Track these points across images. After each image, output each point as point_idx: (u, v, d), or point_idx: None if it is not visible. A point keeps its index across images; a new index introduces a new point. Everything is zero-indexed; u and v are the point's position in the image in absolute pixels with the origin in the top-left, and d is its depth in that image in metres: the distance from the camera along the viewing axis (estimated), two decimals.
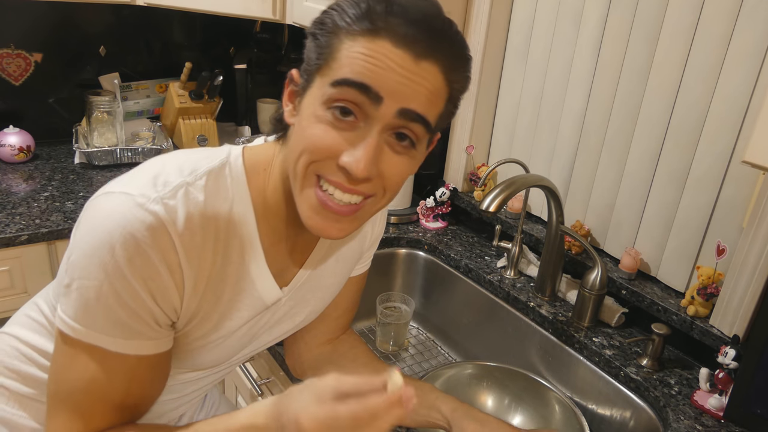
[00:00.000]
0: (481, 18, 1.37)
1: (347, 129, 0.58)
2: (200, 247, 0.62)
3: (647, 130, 1.13)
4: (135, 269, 0.58)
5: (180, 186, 0.62)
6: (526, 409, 1.11)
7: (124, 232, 0.57)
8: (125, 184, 0.62)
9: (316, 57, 0.60)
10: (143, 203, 0.59)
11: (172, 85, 1.84)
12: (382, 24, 0.56)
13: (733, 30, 0.97)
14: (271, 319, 0.76)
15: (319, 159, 0.59)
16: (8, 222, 1.34)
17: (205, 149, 0.69)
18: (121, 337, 0.60)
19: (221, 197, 0.64)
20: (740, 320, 0.97)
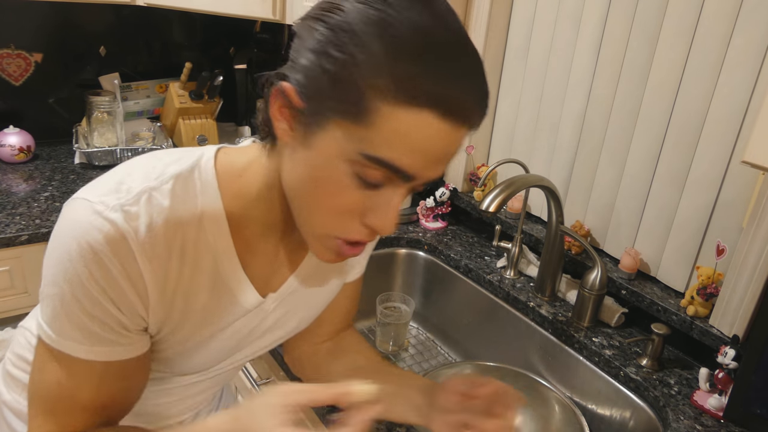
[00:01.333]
0: (481, 18, 1.37)
1: (371, 189, 0.55)
2: (165, 256, 0.60)
3: (647, 130, 1.13)
4: (93, 279, 0.57)
5: (143, 192, 0.59)
6: (526, 409, 1.11)
7: (81, 241, 0.56)
8: (89, 189, 0.60)
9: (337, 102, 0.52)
10: (101, 211, 0.57)
11: (172, 85, 1.84)
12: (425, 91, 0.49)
13: (733, 30, 0.97)
14: (260, 325, 0.75)
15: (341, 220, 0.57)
16: (8, 222, 1.34)
17: (179, 151, 0.66)
18: (88, 344, 0.60)
19: (189, 203, 0.62)
20: (740, 320, 0.97)
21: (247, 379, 1.15)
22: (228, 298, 0.68)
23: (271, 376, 1.12)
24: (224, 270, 0.66)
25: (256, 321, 0.73)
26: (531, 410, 1.10)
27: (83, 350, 0.60)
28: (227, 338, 0.72)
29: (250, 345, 0.77)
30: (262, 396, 0.57)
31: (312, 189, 0.57)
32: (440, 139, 0.51)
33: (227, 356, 0.76)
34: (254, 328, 0.75)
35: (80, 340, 0.60)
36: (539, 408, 1.09)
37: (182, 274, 0.62)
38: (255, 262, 0.69)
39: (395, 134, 0.50)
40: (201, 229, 0.62)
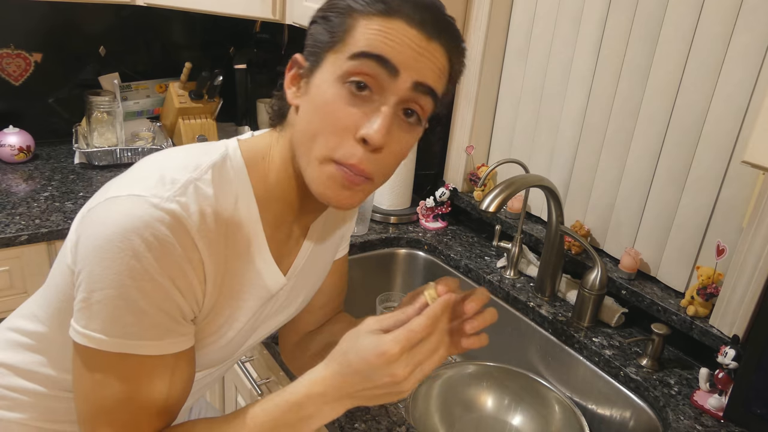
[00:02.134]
0: (481, 18, 1.37)
1: (363, 103, 0.60)
2: (215, 242, 0.63)
3: (647, 130, 1.13)
4: (163, 269, 0.58)
5: (189, 182, 0.62)
6: (526, 409, 1.11)
7: (146, 234, 0.57)
8: (131, 186, 0.60)
9: (330, 36, 0.61)
10: (158, 203, 0.58)
11: (172, 85, 1.84)
12: (397, 6, 0.60)
13: (733, 30, 0.97)
14: (272, 309, 0.77)
15: (339, 137, 0.61)
16: (8, 222, 1.34)
17: (200, 145, 0.69)
18: (155, 339, 0.60)
19: (227, 190, 0.65)
20: (740, 320, 0.97)
21: (247, 379, 1.15)
22: (257, 280, 0.70)
23: (270, 376, 1.12)
24: (254, 252, 0.68)
25: (270, 303, 0.75)
26: (531, 410, 1.10)
27: (153, 346, 0.60)
28: (250, 326, 0.74)
29: (260, 329, 0.79)
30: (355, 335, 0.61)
31: (314, 122, 0.62)
32: (413, 42, 0.60)
33: (242, 344, 0.77)
34: (269, 311, 0.77)
35: (145, 336, 0.59)
36: (539, 408, 1.09)
37: (227, 259, 0.65)
38: (275, 245, 0.71)
39: (373, 33, 0.59)
40: (237, 213, 0.65)
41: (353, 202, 0.65)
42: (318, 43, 0.63)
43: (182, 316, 0.62)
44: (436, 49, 0.61)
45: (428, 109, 0.64)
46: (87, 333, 0.58)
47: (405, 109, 0.62)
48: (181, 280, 0.60)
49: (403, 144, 0.64)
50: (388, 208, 1.54)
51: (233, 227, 0.65)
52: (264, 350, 1.11)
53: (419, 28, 0.60)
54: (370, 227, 1.48)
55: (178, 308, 0.61)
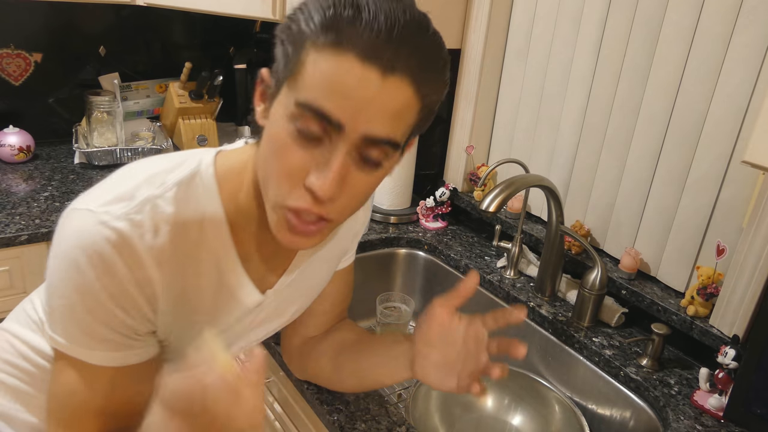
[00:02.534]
0: (481, 18, 1.37)
1: (313, 146, 0.55)
2: (171, 261, 0.62)
3: (647, 130, 1.13)
4: (103, 287, 0.58)
5: (147, 200, 0.61)
6: (526, 409, 1.11)
7: (89, 251, 0.58)
8: (90, 199, 0.61)
9: (284, 64, 0.57)
10: (106, 221, 0.58)
11: (172, 85, 1.84)
12: (348, 35, 0.52)
13: (733, 30, 0.97)
14: (255, 320, 0.76)
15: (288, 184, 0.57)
16: (8, 222, 1.34)
17: (177, 156, 0.66)
18: (101, 350, 0.61)
19: (191, 208, 0.63)
20: (740, 320, 0.97)
21: None
22: (230, 299, 0.69)
23: (271, 376, 1.12)
24: (226, 272, 0.67)
25: (253, 315, 0.75)
26: (531, 410, 1.10)
27: (96, 356, 0.62)
28: (227, 336, 0.74)
29: (249, 335, 0.79)
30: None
31: (268, 159, 0.58)
32: (367, 85, 0.52)
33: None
34: (251, 322, 0.76)
35: (93, 346, 0.61)
36: (539, 408, 1.09)
37: (187, 279, 0.64)
38: (253, 261, 0.70)
39: (321, 77, 0.53)
40: (203, 233, 0.64)
41: (310, 244, 0.62)
42: (278, 67, 0.58)
43: (133, 332, 0.63)
44: (394, 84, 0.53)
45: (388, 153, 0.57)
46: (50, 333, 0.62)
47: (360, 154, 0.56)
48: (123, 299, 0.60)
49: (363, 185, 0.58)
50: (388, 208, 1.54)
51: (197, 246, 0.64)
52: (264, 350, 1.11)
53: (374, 61, 0.51)
54: (370, 227, 1.48)
55: (123, 325, 0.61)
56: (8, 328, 0.82)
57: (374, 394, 0.92)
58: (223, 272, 0.67)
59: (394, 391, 1.20)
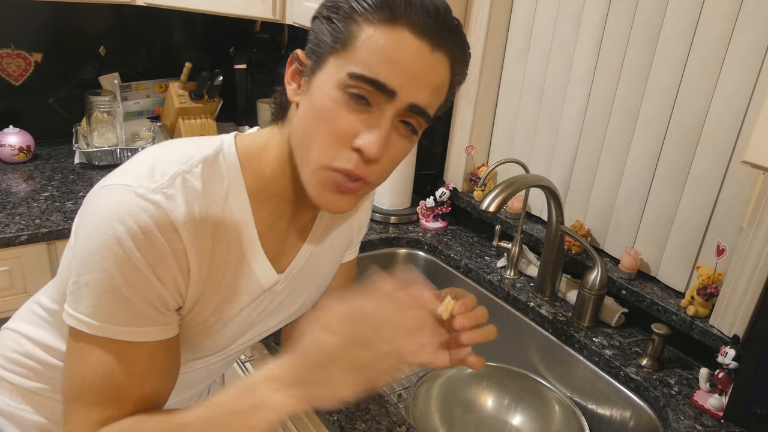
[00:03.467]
0: (481, 18, 1.37)
1: (361, 112, 0.60)
2: (201, 234, 0.63)
3: (647, 130, 1.13)
4: (144, 258, 0.59)
5: (177, 174, 0.63)
6: (526, 409, 1.11)
7: (129, 223, 0.59)
8: (122, 176, 0.63)
9: (332, 40, 0.61)
10: (143, 194, 0.60)
11: (172, 85, 1.84)
12: (402, 12, 0.58)
13: (733, 30, 0.97)
14: (268, 306, 0.77)
15: (336, 145, 0.61)
16: (8, 222, 1.34)
17: (198, 138, 0.70)
18: (136, 326, 0.62)
19: (217, 184, 0.66)
20: (740, 320, 0.97)
21: None
22: (248, 275, 0.71)
23: None
24: (246, 247, 0.69)
25: (267, 300, 0.76)
26: (531, 410, 1.10)
27: (133, 332, 0.62)
28: (243, 319, 0.74)
29: (259, 325, 0.79)
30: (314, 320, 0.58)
31: (312, 125, 0.62)
32: (417, 56, 0.59)
33: (238, 337, 0.78)
34: (265, 308, 0.77)
35: (129, 322, 0.61)
36: (539, 408, 1.09)
37: (214, 252, 0.66)
38: (270, 241, 0.72)
39: (376, 48, 0.59)
40: (227, 208, 0.66)
41: (347, 207, 0.66)
42: (320, 43, 0.62)
43: (164, 306, 0.63)
44: (439, 60, 0.61)
45: (423, 125, 0.65)
46: (76, 315, 0.61)
47: (402, 120, 0.63)
48: (162, 270, 0.61)
49: (400, 150, 0.64)
50: (388, 208, 1.54)
51: (222, 222, 0.66)
52: (264, 350, 1.11)
53: (424, 37, 0.59)
54: (371, 227, 1.48)
55: (159, 297, 0.62)
56: (14, 327, 0.83)
57: (374, 393, 0.92)
58: (243, 248, 0.68)
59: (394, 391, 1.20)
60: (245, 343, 0.81)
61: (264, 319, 0.79)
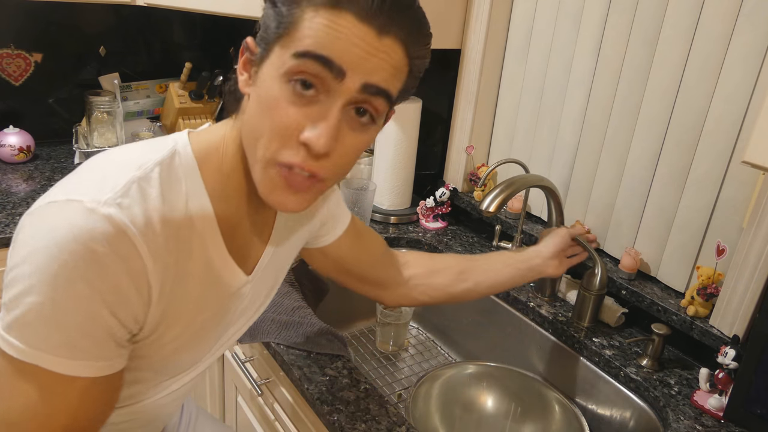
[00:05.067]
0: (481, 18, 1.37)
1: (308, 104, 0.57)
2: (162, 245, 0.58)
3: (647, 130, 1.13)
4: (90, 284, 0.53)
5: (131, 182, 0.57)
6: (526, 409, 1.11)
7: (76, 244, 0.52)
8: (69, 190, 0.56)
9: (276, 26, 0.57)
10: (94, 208, 0.53)
11: (172, 85, 1.84)
12: None
13: (733, 30, 0.97)
14: (239, 307, 0.74)
15: (281, 139, 0.57)
16: (8, 222, 1.34)
17: (149, 141, 0.65)
18: (71, 358, 0.54)
19: (175, 189, 0.60)
20: (740, 320, 0.97)
21: (247, 379, 1.15)
22: (216, 281, 0.67)
23: (270, 376, 1.12)
24: (211, 252, 0.65)
25: (237, 302, 0.73)
26: (531, 410, 1.10)
27: (66, 365, 0.54)
28: (215, 324, 0.71)
29: (233, 326, 0.77)
30: None
31: (259, 119, 0.58)
32: (361, 40, 0.55)
33: (212, 345, 0.75)
34: (236, 310, 0.74)
35: (62, 353, 0.54)
36: (539, 408, 1.09)
37: (177, 263, 0.61)
38: (235, 242, 0.68)
39: (322, 29, 0.55)
40: (188, 213, 0.61)
41: (299, 206, 0.61)
42: (267, 29, 0.59)
43: (112, 339, 0.57)
44: (389, 45, 0.56)
45: (382, 110, 0.60)
46: (5, 337, 0.54)
47: (356, 107, 0.58)
48: (113, 296, 0.55)
49: (356, 144, 0.60)
50: (388, 208, 1.54)
51: (184, 227, 0.61)
52: (264, 350, 1.11)
53: (369, 22, 0.55)
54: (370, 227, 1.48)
55: (105, 329, 0.56)
56: None
57: (374, 394, 0.92)
58: (208, 253, 0.64)
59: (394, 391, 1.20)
60: (223, 345, 0.79)
61: (241, 316, 0.76)
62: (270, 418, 1.15)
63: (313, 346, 1.00)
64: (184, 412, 1.03)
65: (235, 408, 1.31)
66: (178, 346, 0.67)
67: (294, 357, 0.99)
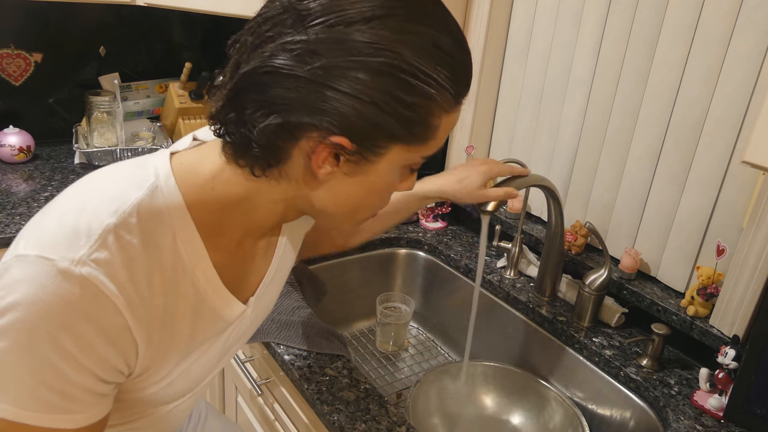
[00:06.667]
0: (481, 18, 1.37)
1: None
2: (148, 296, 0.55)
3: (647, 130, 1.13)
4: (63, 351, 0.50)
5: (107, 232, 0.52)
6: (526, 409, 1.11)
7: (47, 311, 0.49)
8: (40, 244, 0.52)
9: (403, 130, 0.55)
10: (66, 269, 0.50)
11: (172, 85, 1.84)
12: (464, 92, 0.58)
13: (733, 30, 0.97)
14: (240, 330, 0.73)
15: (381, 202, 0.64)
16: (8, 222, 1.34)
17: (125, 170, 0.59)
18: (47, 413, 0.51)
19: (160, 232, 0.56)
20: (740, 320, 0.97)
21: (247, 379, 1.15)
22: (211, 316, 0.64)
23: (270, 376, 1.12)
24: (204, 290, 0.62)
25: (237, 329, 0.72)
26: (531, 410, 1.10)
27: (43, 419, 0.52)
28: (211, 356, 0.70)
29: (229, 351, 0.76)
30: None
31: (363, 197, 0.61)
32: None
33: (209, 372, 0.74)
34: (235, 335, 0.73)
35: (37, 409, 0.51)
36: (539, 408, 1.09)
37: (166, 308, 0.58)
38: (231, 270, 0.65)
39: (444, 132, 0.59)
40: (176, 252, 0.57)
41: None
42: (380, 130, 0.54)
43: (89, 394, 0.54)
44: None
45: None
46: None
47: None
48: (90, 359, 0.52)
49: None
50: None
51: (172, 268, 0.57)
52: (264, 350, 1.11)
53: (461, 101, 0.60)
54: None
55: (81, 388, 0.53)
56: None
57: (374, 394, 0.92)
58: (201, 291, 0.61)
59: (394, 391, 1.20)
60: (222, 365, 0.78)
61: (237, 342, 0.75)
62: (270, 418, 1.16)
63: (313, 346, 1.00)
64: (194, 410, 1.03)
65: (235, 408, 1.31)
66: (171, 381, 0.65)
67: (294, 357, 0.99)
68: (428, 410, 1.07)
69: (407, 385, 1.22)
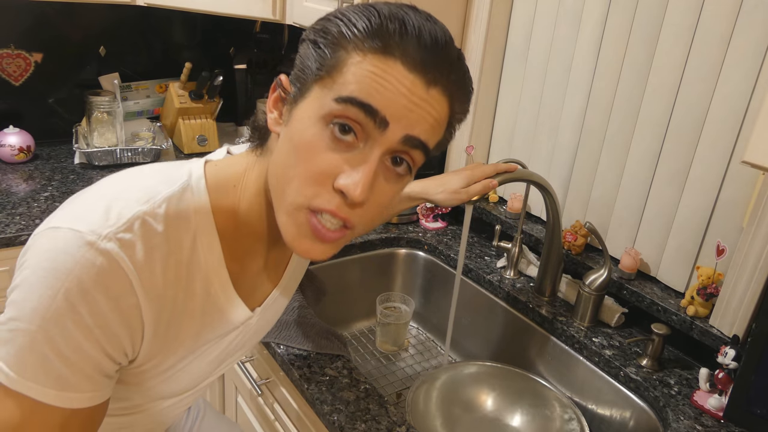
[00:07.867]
0: (481, 18, 1.37)
1: (345, 149, 0.55)
2: (161, 284, 0.57)
3: (647, 130, 1.13)
4: (79, 318, 0.52)
5: (136, 217, 0.55)
6: (526, 409, 1.11)
7: (70, 277, 0.52)
8: (73, 217, 0.55)
9: (317, 67, 0.55)
10: (93, 242, 0.53)
11: (172, 85, 1.84)
12: (396, 45, 0.53)
13: (733, 30, 0.97)
14: (244, 338, 0.74)
15: (315, 185, 0.55)
16: (8, 222, 1.34)
17: (164, 169, 0.63)
18: (54, 389, 0.54)
19: (183, 227, 0.59)
20: (740, 320, 0.97)
21: (247, 379, 1.15)
22: (218, 317, 0.66)
23: (270, 376, 1.12)
24: (215, 290, 0.63)
25: (241, 335, 0.73)
26: (531, 410, 1.10)
27: (49, 395, 0.54)
28: (213, 358, 0.71)
29: (231, 357, 0.77)
30: None
31: (289, 162, 0.56)
32: (409, 91, 0.54)
33: (209, 374, 0.75)
34: (238, 342, 0.74)
35: (46, 383, 0.54)
36: (539, 408, 1.09)
37: (176, 301, 0.60)
38: (243, 278, 0.67)
39: (368, 76, 0.53)
40: (194, 251, 0.60)
41: (324, 255, 0.59)
42: (305, 69, 0.57)
43: (98, 371, 0.56)
44: (435, 97, 0.55)
45: (418, 161, 0.59)
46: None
47: (393, 157, 0.57)
48: (102, 331, 0.54)
49: (388, 194, 0.58)
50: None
51: (188, 265, 0.60)
52: (264, 350, 1.11)
53: (419, 73, 0.53)
54: None
55: (92, 362, 0.55)
56: None
57: (374, 394, 0.92)
58: (212, 291, 0.63)
59: (394, 391, 1.20)
60: (222, 369, 0.79)
61: (240, 349, 0.77)
62: (270, 418, 1.16)
63: (313, 346, 1.00)
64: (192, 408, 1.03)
65: (235, 408, 1.31)
66: (171, 377, 0.66)
67: (294, 357, 0.99)
68: (428, 410, 1.07)
69: (407, 385, 1.22)
